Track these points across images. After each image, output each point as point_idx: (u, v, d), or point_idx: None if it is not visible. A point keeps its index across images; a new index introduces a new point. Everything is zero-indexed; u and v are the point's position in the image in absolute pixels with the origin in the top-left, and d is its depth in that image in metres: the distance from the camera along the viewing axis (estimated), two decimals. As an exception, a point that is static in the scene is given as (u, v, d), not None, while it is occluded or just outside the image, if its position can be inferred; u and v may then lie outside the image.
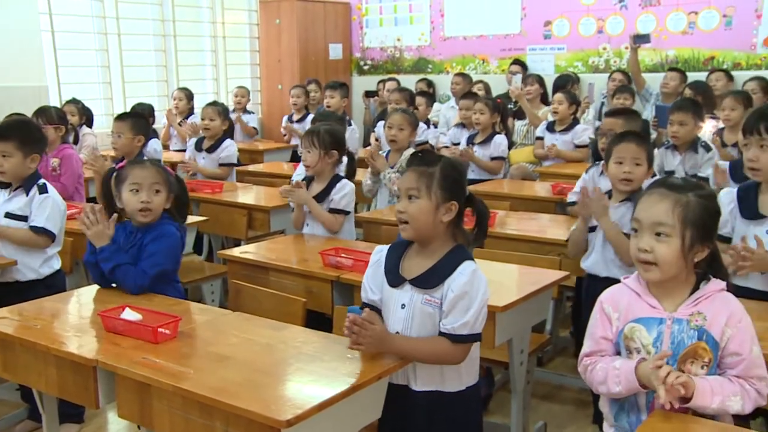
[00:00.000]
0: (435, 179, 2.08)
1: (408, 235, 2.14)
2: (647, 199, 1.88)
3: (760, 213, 2.58)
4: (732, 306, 1.84)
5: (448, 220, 2.10)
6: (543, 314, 2.92)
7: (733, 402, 1.76)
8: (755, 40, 6.64)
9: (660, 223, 1.82)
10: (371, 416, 2.05)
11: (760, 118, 2.54)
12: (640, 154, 2.94)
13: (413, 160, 2.17)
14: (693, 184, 1.89)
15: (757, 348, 1.81)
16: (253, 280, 3.09)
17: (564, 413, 3.47)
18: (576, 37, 7.54)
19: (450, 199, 2.09)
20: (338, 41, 9.02)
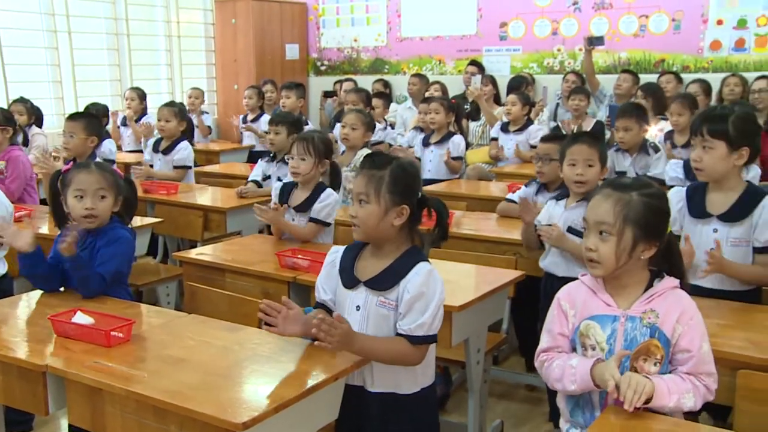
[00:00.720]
0: (384, 183, 2.07)
1: (359, 237, 2.14)
2: (594, 199, 1.93)
3: (708, 212, 2.64)
4: (684, 303, 1.87)
5: (401, 223, 2.09)
6: (499, 313, 2.94)
7: (687, 399, 1.79)
8: (702, 44, 6.80)
9: (602, 222, 1.86)
10: (328, 417, 2.05)
11: (704, 121, 2.61)
12: (592, 155, 2.99)
13: (365, 163, 2.16)
14: (640, 184, 1.92)
15: (706, 345, 1.85)
16: (209, 282, 3.06)
17: (520, 411, 3.50)
18: (531, 38, 7.62)
19: (400, 203, 2.08)
20: (295, 41, 8.98)
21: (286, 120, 4.65)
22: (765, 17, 6.48)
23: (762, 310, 2.50)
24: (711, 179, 2.64)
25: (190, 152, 5.21)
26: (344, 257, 2.19)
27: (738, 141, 2.55)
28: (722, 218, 2.61)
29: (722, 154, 2.56)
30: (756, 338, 2.19)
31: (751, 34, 6.56)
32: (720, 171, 2.59)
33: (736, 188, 2.62)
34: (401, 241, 2.13)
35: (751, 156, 2.59)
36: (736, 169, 2.61)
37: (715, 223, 2.62)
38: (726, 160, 2.56)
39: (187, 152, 5.16)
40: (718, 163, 2.57)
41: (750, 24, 6.55)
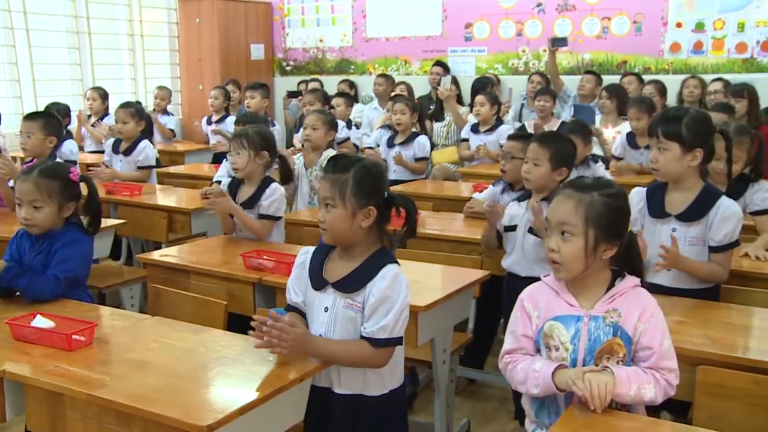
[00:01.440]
0: (349, 186, 2.06)
1: (329, 241, 2.14)
2: (556, 200, 1.94)
3: (666, 212, 2.69)
4: (645, 301, 1.90)
5: (369, 225, 2.08)
6: (465, 313, 2.96)
7: (647, 390, 1.81)
8: (663, 46, 6.92)
9: (564, 222, 1.87)
10: (294, 419, 2.04)
11: (659, 123, 2.65)
12: (540, 154, 3.03)
13: (328, 166, 2.15)
14: (601, 184, 1.94)
15: (668, 341, 1.87)
16: (173, 283, 3.02)
17: (487, 410, 3.52)
18: (496, 39, 7.68)
19: (366, 205, 2.07)
20: (260, 41, 8.93)
21: (254, 121, 4.63)
22: (721, 21, 6.62)
23: (720, 307, 2.55)
24: (667, 179, 2.68)
25: (153, 151, 5.14)
26: (313, 258, 2.19)
27: (691, 142, 2.59)
28: (680, 218, 2.66)
29: (676, 155, 2.60)
30: (714, 335, 2.23)
31: (709, 38, 6.69)
32: (675, 171, 2.63)
33: (693, 188, 2.67)
34: (370, 242, 2.13)
35: (706, 157, 2.63)
36: (692, 169, 2.65)
37: (673, 222, 2.67)
38: (680, 160, 2.60)
39: (150, 151, 5.09)
40: (673, 164, 2.61)
41: (707, 27, 6.69)
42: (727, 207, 2.62)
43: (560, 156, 3.07)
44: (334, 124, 4.48)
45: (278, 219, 3.52)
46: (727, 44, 6.62)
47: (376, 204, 2.08)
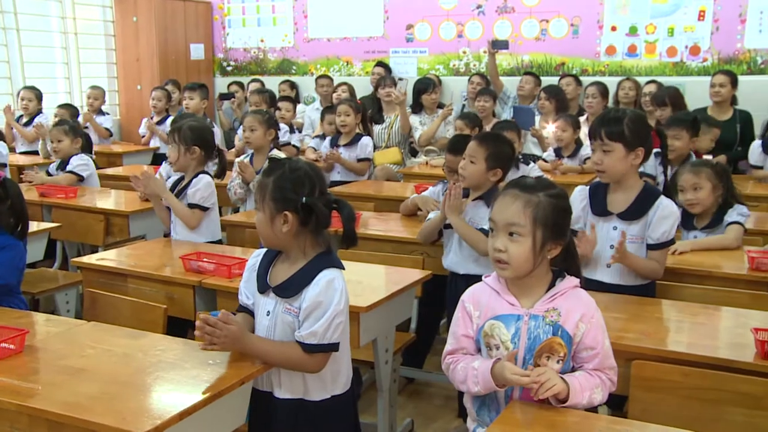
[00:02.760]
0: (268, 191, 2.05)
1: (264, 245, 2.16)
2: (501, 201, 1.94)
3: (608, 210, 2.75)
4: (585, 302, 1.93)
5: (289, 230, 2.05)
6: (407, 313, 2.97)
7: (596, 394, 1.86)
8: (599, 49, 7.08)
9: (513, 223, 1.88)
10: (235, 422, 2.02)
11: (602, 124, 2.70)
12: (476, 153, 3.09)
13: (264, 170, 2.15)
14: (544, 184, 1.97)
15: (607, 341, 1.92)
16: (111, 288, 2.96)
17: (430, 409, 3.55)
18: (437, 40, 7.74)
19: (282, 210, 2.03)
20: (200, 41, 8.79)
21: None
22: (653, 25, 6.81)
23: (655, 303, 2.62)
24: (612, 180, 2.74)
25: (87, 163, 4.97)
26: (262, 261, 2.18)
27: (634, 142, 2.66)
28: (622, 216, 2.73)
29: (621, 156, 2.66)
30: (649, 330, 2.30)
31: (642, 41, 6.88)
32: (620, 171, 2.69)
33: (634, 188, 2.74)
34: (308, 246, 2.10)
35: (646, 155, 2.71)
36: (634, 168, 2.72)
37: (615, 221, 2.74)
38: (624, 160, 2.66)
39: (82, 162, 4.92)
40: (618, 164, 2.67)
41: (640, 31, 6.87)
42: (665, 206, 2.70)
43: (496, 156, 3.10)
44: (272, 122, 4.45)
45: (205, 209, 3.52)
46: (659, 48, 6.82)
47: (293, 209, 2.03)
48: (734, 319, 2.46)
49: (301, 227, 2.06)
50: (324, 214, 2.08)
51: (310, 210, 2.05)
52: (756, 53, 6.45)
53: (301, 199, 2.04)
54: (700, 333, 2.35)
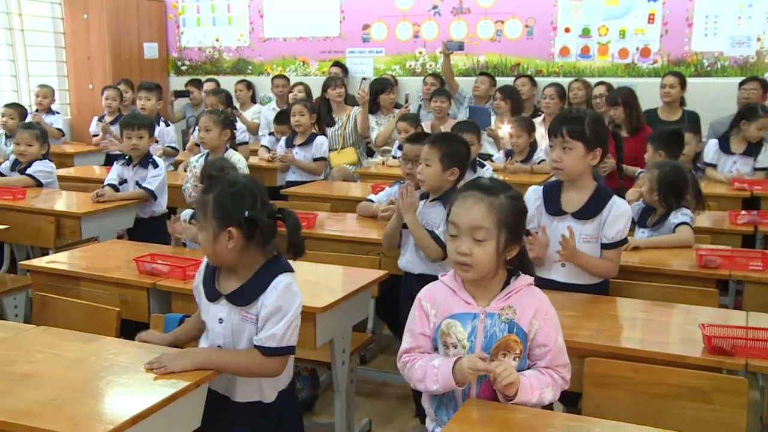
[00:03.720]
0: (209, 209, 2.03)
1: (212, 264, 2.13)
2: (463, 203, 1.92)
3: (563, 210, 2.78)
4: (539, 299, 1.95)
5: (235, 246, 2.03)
6: (363, 313, 2.97)
7: (547, 393, 1.87)
8: (553, 50, 7.17)
9: (478, 227, 1.88)
10: (190, 425, 1.99)
11: (563, 122, 2.72)
12: (430, 155, 3.08)
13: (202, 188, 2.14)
14: (503, 185, 1.98)
15: (560, 338, 1.94)
16: (62, 291, 2.90)
17: (388, 409, 3.55)
18: (393, 41, 7.75)
19: (225, 227, 2.01)
20: (153, 40, 8.66)
21: (139, 122, 4.54)
22: (605, 27, 6.93)
23: (608, 300, 2.67)
24: (569, 178, 2.76)
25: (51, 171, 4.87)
26: (207, 269, 2.16)
27: (593, 142, 2.68)
28: (576, 216, 2.75)
29: (580, 155, 2.68)
30: (602, 327, 2.34)
31: (595, 43, 6.99)
32: (578, 170, 2.72)
33: (588, 187, 2.77)
34: (255, 258, 2.09)
35: (602, 156, 2.74)
36: (590, 168, 2.75)
37: (569, 220, 2.76)
38: (583, 159, 2.69)
39: (46, 169, 4.82)
40: (577, 163, 2.69)
41: (593, 33, 6.98)
42: (618, 206, 2.73)
43: (451, 156, 3.09)
44: (228, 122, 4.40)
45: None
46: (611, 49, 6.94)
47: (237, 225, 2.02)
48: (684, 315, 2.51)
49: (247, 242, 2.04)
50: (268, 227, 2.06)
51: (255, 223, 2.03)
52: (702, 56, 6.61)
53: (244, 214, 2.02)
54: (651, 330, 2.40)
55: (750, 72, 6.28)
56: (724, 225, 3.77)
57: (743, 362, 2.11)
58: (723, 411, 1.90)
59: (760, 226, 3.69)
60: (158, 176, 4.46)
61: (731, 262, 3.00)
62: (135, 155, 4.51)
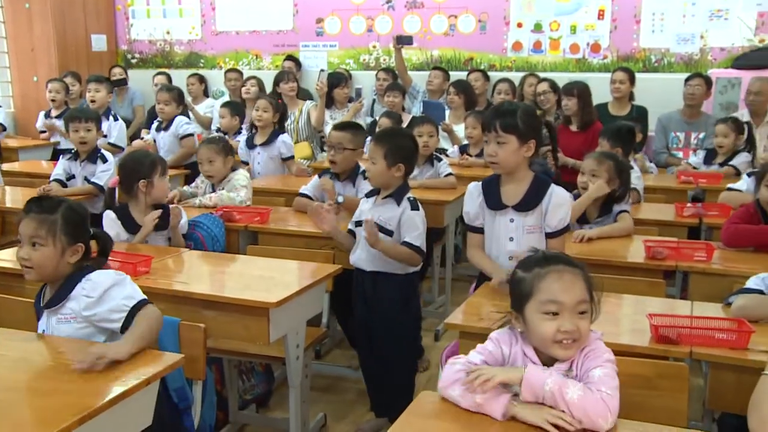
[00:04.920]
0: (59, 226, 2.20)
1: (33, 279, 2.26)
2: (560, 279, 1.80)
3: (503, 203, 2.80)
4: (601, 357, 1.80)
5: (76, 260, 2.23)
6: (318, 308, 2.96)
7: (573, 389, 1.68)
8: (506, 45, 7.24)
9: (583, 301, 1.79)
10: (141, 424, 1.96)
11: (495, 116, 2.72)
12: (374, 153, 3.11)
13: (32, 206, 2.24)
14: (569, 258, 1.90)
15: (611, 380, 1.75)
16: (7, 289, 2.82)
17: (343, 404, 3.55)
18: (347, 34, 7.73)
19: (76, 242, 2.22)
20: (101, 32, 8.47)
21: (85, 115, 4.44)
22: (556, 23, 7.01)
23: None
24: (505, 171, 2.78)
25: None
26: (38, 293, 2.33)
27: (527, 134, 2.70)
28: (516, 208, 2.77)
29: (514, 147, 2.70)
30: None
31: (547, 38, 7.08)
32: (513, 163, 2.73)
33: (525, 179, 2.78)
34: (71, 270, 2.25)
35: (536, 148, 2.76)
36: (526, 160, 2.77)
37: (510, 213, 2.78)
38: (517, 152, 2.71)
39: None
40: (512, 156, 2.71)
41: (545, 28, 7.06)
42: (558, 194, 2.77)
43: (394, 152, 3.10)
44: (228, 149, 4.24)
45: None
46: (562, 45, 7.03)
47: (84, 241, 2.26)
48: (633, 306, 2.57)
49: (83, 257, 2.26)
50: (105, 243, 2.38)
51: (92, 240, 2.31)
52: (650, 52, 6.74)
53: (89, 231, 2.31)
54: (602, 320, 2.41)
55: (694, 68, 6.42)
56: (670, 217, 3.86)
57: (688, 350, 2.17)
58: (666, 397, 1.95)
59: (705, 218, 3.79)
60: (107, 171, 4.38)
61: (677, 253, 3.07)
62: (83, 150, 4.42)
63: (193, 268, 3.01)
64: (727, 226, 3.25)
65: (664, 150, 5.84)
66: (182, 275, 2.83)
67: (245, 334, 2.62)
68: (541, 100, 6.21)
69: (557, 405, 1.67)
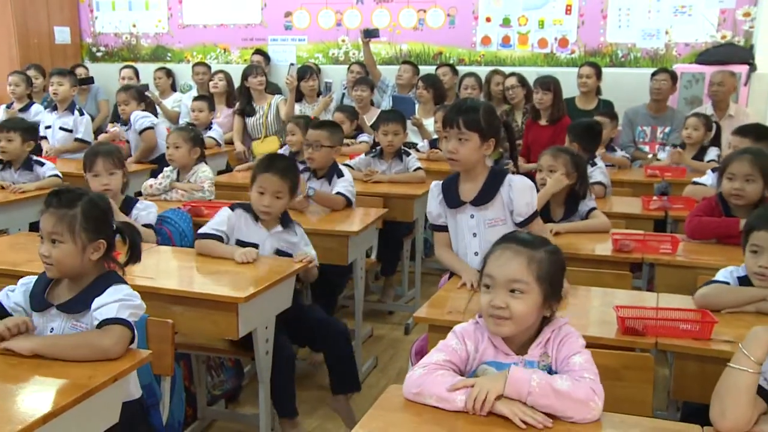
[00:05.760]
0: (78, 221, 2.08)
1: (54, 275, 2.14)
2: (501, 255, 1.84)
3: (462, 200, 2.79)
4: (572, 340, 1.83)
5: (98, 257, 2.12)
6: (287, 302, 2.94)
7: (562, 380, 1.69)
8: (475, 39, 7.26)
9: (517, 280, 1.80)
10: (107, 422, 1.94)
11: (458, 113, 2.70)
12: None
13: (52, 200, 2.12)
14: (541, 240, 1.92)
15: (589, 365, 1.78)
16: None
17: (312, 398, 3.54)
18: (316, 28, 7.70)
19: (96, 239, 2.11)
20: (65, 24, 8.32)
21: (19, 126, 4.39)
22: (525, 18, 7.05)
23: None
24: (464, 168, 2.76)
25: None
26: (37, 282, 2.17)
27: (488, 132, 2.69)
28: (474, 203, 2.76)
29: (476, 145, 2.68)
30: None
31: (515, 32, 7.12)
32: (473, 160, 2.72)
33: (481, 175, 2.78)
34: (95, 270, 2.15)
35: (495, 146, 2.74)
36: (484, 158, 2.77)
37: (470, 209, 2.77)
38: (478, 150, 2.70)
39: None
40: (473, 153, 2.69)
41: (513, 23, 7.10)
42: (516, 182, 2.76)
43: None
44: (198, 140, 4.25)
45: None
46: (530, 39, 7.07)
47: (106, 237, 2.13)
48: (601, 298, 2.59)
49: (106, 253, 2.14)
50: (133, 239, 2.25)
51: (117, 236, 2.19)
52: (617, 47, 6.81)
53: (113, 227, 2.18)
54: (571, 313, 2.44)
55: (660, 63, 6.51)
56: (637, 210, 3.91)
57: (653, 341, 2.20)
58: (631, 387, 1.98)
59: (671, 211, 3.84)
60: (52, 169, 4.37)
61: (644, 246, 3.11)
62: (5, 158, 4.40)
63: (161, 264, 2.98)
64: (690, 218, 3.30)
65: (631, 144, 5.91)
66: (150, 271, 2.80)
67: (214, 330, 2.61)
68: (509, 95, 6.25)
69: (547, 397, 1.66)
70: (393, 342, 4.26)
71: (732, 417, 1.63)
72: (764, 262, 2.39)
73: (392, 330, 4.45)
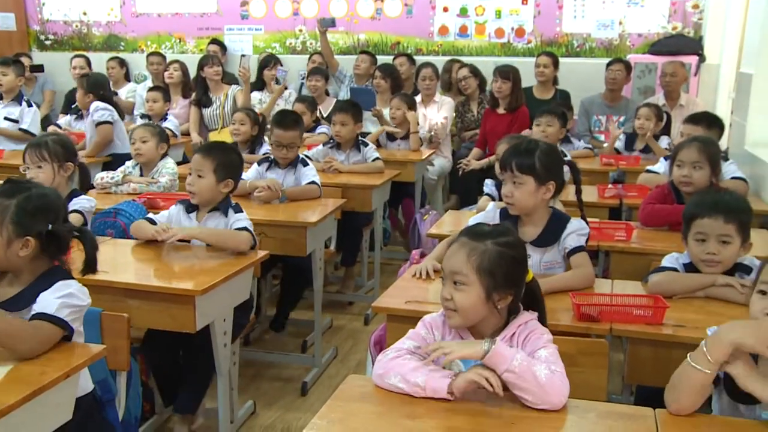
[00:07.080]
0: (9, 213, 1.99)
1: None
2: (452, 248, 1.87)
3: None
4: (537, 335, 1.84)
5: (27, 254, 2.01)
6: (245, 294, 2.92)
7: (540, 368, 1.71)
8: (432, 29, 7.27)
9: (457, 272, 1.82)
10: (59, 419, 1.90)
11: (513, 155, 2.60)
12: (203, 166, 3.00)
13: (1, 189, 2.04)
14: (497, 232, 1.89)
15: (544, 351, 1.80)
16: None
17: (272, 390, 3.53)
18: (273, 18, 7.62)
19: (24, 235, 1.99)
20: (9, 10, 8.08)
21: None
22: (482, 7, 7.09)
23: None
24: (522, 212, 2.66)
25: None
26: None
27: (545, 176, 2.57)
28: (535, 244, 2.63)
29: (532, 189, 2.57)
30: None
31: (472, 22, 7.14)
32: (531, 205, 2.61)
33: (543, 218, 2.67)
34: (38, 266, 2.06)
35: (557, 188, 2.64)
36: (544, 202, 2.64)
37: (529, 249, 2.45)
38: (535, 194, 2.58)
39: None
40: (529, 198, 2.59)
41: (470, 13, 7.13)
42: (574, 225, 2.66)
43: (225, 167, 3.04)
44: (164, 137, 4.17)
45: None
46: (488, 29, 7.11)
47: (37, 235, 2.01)
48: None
49: (39, 252, 2.03)
50: (66, 244, 2.08)
51: (53, 238, 2.04)
52: (572, 37, 6.89)
53: (47, 227, 2.02)
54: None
55: (614, 53, 6.60)
56: (593, 198, 3.96)
57: (608, 327, 2.23)
58: (587, 372, 2.01)
59: (625, 199, 3.90)
60: None
61: (599, 234, 3.15)
62: None
63: (116, 257, 2.92)
64: (644, 206, 3.36)
65: (587, 133, 5.99)
66: (104, 264, 2.74)
67: (171, 323, 2.57)
68: (462, 86, 6.29)
69: (524, 380, 1.67)
70: (353, 332, 4.26)
71: (684, 406, 1.67)
72: (712, 249, 2.43)
73: (352, 320, 4.45)
